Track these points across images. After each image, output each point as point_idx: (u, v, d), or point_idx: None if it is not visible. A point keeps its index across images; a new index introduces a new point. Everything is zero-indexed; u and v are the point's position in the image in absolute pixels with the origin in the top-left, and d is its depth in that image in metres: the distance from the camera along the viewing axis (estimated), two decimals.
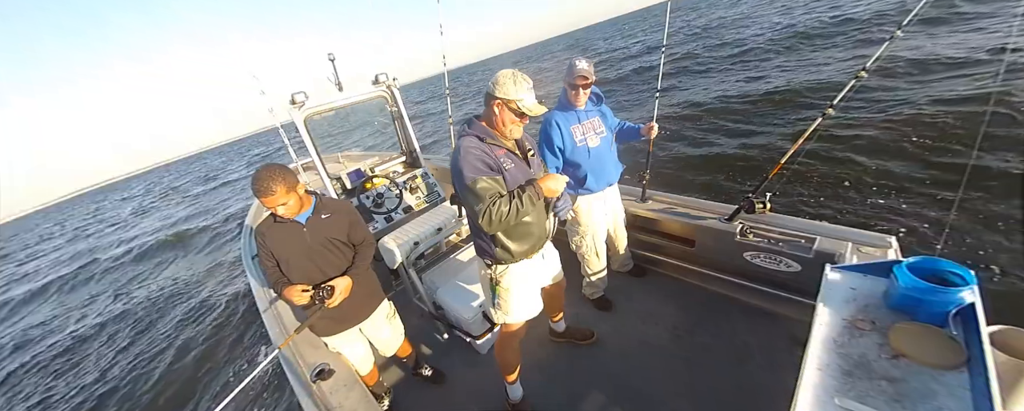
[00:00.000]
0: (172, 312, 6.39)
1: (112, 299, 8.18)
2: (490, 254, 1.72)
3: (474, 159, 1.47)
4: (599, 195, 2.38)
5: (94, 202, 52.21)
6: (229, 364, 4.46)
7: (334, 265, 1.81)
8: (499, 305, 1.83)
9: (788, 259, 2.16)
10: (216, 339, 5.05)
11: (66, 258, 14.58)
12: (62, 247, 18.28)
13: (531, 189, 1.49)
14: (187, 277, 7.96)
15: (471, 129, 1.57)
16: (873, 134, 5.21)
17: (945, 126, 4.86)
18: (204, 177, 33.00)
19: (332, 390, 1.76)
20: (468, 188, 1.45)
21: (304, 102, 2.65)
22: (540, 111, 1.51)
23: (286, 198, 1.60)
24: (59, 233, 25.53)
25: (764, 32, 13.71)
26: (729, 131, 6.89)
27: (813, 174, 4.75)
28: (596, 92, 2.28)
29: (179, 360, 4.87)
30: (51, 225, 35.87)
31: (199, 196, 20.84)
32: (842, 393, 1.01)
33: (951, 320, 1.11)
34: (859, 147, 5.04)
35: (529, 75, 1.50)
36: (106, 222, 22.63)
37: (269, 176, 1.56)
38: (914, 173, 4.30)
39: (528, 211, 1.48)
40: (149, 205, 24.42)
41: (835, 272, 1.44)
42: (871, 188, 4.28)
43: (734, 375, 2.07)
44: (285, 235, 1.73)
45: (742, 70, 10.38)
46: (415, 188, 3.33)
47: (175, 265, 9.38)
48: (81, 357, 5.81)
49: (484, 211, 1.42)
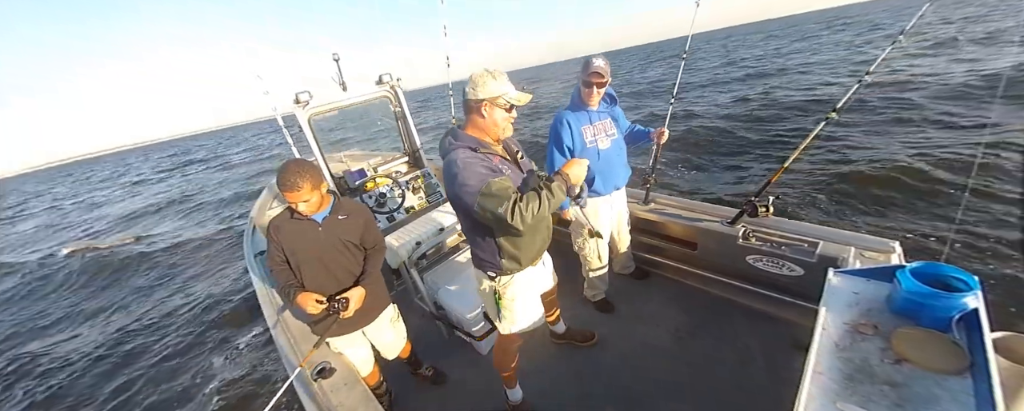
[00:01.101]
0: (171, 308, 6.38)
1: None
2: (495, 265, 1.65)
3: (476, 166, 1.41)
4: (606, 198, 2.36)
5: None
6: (228, 361, 4.46)
7: (344, 267, 1.81)
8: (504, 317, 1.77)
9: (791, 263, 2.15)
10: (216, 334, 5.05)
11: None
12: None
13: (558, 178, 1.39)
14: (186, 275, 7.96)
15: (459, 141, 1.48)
16: (879, 139, 5.20)
17: (952, 125, 4.83)
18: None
19: (333, 389, 1.76)
20: (483, 193, 1.36)
21: (308, 101, 2.66)
22: (526, 99, 1.46)
23: (310, 195, 1.61)
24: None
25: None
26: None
27: (816, 178, 4.74)
28: (610, 93, 2.27)
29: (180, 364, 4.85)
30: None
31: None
32: (844, 397, 1.01)
33: (954, 325, 1.11)
34: (862, 151, 5.03)
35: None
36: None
37: (297, 171, 1.57)
38: (920, 176, 4.29)
39: (559, 202, 1.38)
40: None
41: (838, 276, 1.43)
42: (875, 192, 4.27)
43: (735, 378, 2.07)
44: (300, 232, 1.73)
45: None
46: (417, 188, 3.33)
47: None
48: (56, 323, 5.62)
49: (511, 208, 1.31)
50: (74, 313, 6.60)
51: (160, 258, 8.23)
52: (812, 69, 14.53)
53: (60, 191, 28.27)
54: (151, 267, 7.93)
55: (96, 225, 13.20)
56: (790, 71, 14.89)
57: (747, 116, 7.98)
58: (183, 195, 15.20)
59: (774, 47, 23.16)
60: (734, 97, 10.50)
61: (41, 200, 24.63)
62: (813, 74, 13.32)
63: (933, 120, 5.19)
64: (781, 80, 13.38)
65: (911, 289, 1.17)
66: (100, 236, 11.38)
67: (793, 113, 7.56)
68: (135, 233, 10.74)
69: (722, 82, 12.78)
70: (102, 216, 14.60)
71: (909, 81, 6.64)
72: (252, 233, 3.33)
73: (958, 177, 4.15)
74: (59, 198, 23.55)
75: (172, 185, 19.40)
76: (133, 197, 18.06)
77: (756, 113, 8.27)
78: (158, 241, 9.40)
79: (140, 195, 18.22)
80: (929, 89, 6.29)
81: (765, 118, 7.65)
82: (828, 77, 12.01)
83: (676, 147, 7.03)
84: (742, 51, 26.85)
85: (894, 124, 5.46)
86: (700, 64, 17.36)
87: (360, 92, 2.96)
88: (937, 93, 5.74)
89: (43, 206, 21.05)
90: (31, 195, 29.64)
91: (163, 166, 32.75)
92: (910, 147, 4.83)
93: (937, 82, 6.49)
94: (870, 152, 5.01)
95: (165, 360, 4.98)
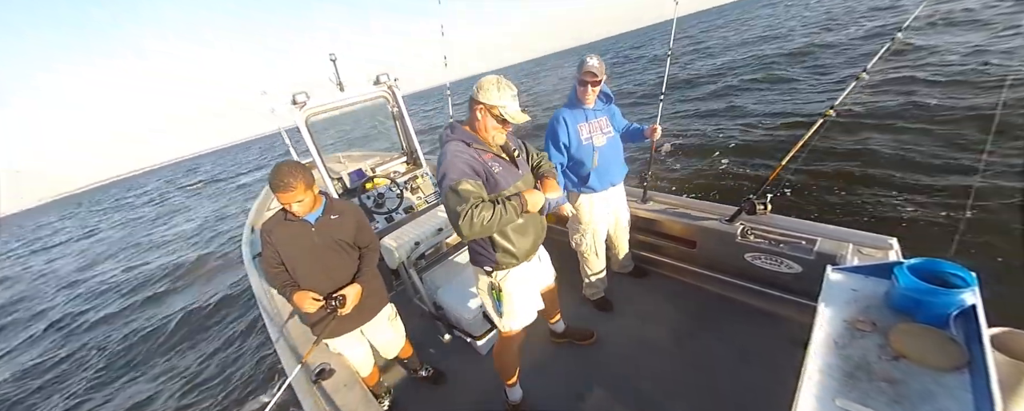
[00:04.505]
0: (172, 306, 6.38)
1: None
2: (490, 260, 1.68)
3: (461, 162, 1.45)
4: (602, 194, 2.38)
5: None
6: (228, 363, 4.46)
7: (339, 267, 1.81)
8: (502, 312, 1.79)
9: (789, 260, 2.16)
10: (216, 336, 5.04)
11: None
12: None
13: (517, 200, 1.46)
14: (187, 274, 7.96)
15: (455, 134, 1.54)
16: (878, 135, 5.20)
17: (956, 123, 4.83)
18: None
19: (333, 390, 1.76)
20: (451, 189, 1.41)
21: (305, 102, 2.65)
22: (523, 119, 1.49)
23: (303, 195, 1.61)
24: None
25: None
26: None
27: (815, 175, 4.74)
28: (606, 92, 2.29)
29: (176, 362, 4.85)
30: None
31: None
32: (842, 394, 1.01)
33: (952, 321, 1.11)
34: (863, 148, 5.04)
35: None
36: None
37: (289, 171, 1.57)
38: (920, 172, 4.29)
39: (510, 220, 1.45)
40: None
41: (836, 273, 1.44)
42: (874, 189, 4.27)
43: (735, 376, 2.07)
44: (293, 234, 1.73)
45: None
46: (416, 188, 3.33)
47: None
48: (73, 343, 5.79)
49: (465, 213, 1.36)
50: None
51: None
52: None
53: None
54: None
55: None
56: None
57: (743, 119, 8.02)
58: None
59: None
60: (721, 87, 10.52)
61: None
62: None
63: (935, 117, 5.19)
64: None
65: (909, 286, 1.17)
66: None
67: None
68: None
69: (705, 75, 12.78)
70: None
71: (912, 77, 6.63)
72: (250, 234, 3.32)
73: (960, 177, 4.16)
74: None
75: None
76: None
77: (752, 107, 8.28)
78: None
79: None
80: (932, 81, 6.29)
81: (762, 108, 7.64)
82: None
83: (674, 147, 7.04)
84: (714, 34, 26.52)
85: (894, 118, 5.46)
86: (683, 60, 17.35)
87: (358, 92, 2.95)
88: (942, 86, 5.73)
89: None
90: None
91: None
92: (909, 142, 4.83)
93: (940, 74, 6.48)
94: (868, 148, 5.02)
95: (165, 361, 4.98)
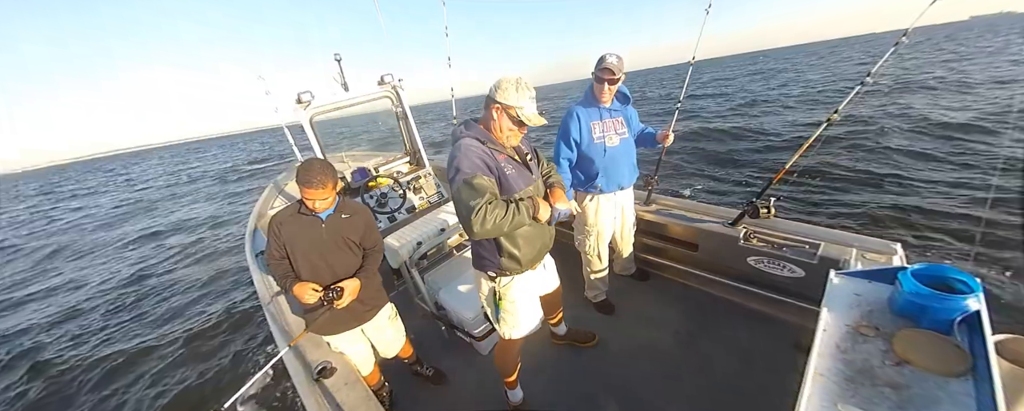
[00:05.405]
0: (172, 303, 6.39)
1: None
2: (494, 264, 1.64)
3: (474, 157, 1.42)
4: (609, 196, 2.35)
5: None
6: (228, 358, 4.46)
7: (343, 265, 1.82)
8: (504, 320, 1.76)
9: (792, 264, 2.15)
10: (215, 334, 5.05)
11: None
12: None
13: (530, 202, 1.43)
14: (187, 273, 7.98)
15: (469, 130, 1.50)
16: (879, 140, 5.18)
17: (960, 124, 4.81)
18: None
19: (334, 388, 1.76)
20: (465, 182, 1.36)
21: (310, 101, 2.66)
22: (539, 122, 1.45)
23: (331, 194, 1.64)
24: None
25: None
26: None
27: (817, 179, 4.73)
28: (623, 92, 2.25)
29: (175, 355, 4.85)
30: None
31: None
32: (845, 399, 1.00)
33: (956, 327, 1.10)
34: (865, 153, 5.02)
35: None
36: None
37: (322, 170, 1.60)
38: (925, 177, 4.27)
39: (521, 223, 1.41)
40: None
41: (839, 278, 1.43)
42: (876, 193, 4.26)
43: (736, 380, 2.06)
44: (303, 228, 1.74)
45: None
46: (419, 188, 3.34)
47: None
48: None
49: (479, 208, 1.31)
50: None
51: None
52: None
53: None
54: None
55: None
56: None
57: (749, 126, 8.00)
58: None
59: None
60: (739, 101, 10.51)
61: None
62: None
63: (942, 122, 5.17)
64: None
65: (912, 291, 1.17)
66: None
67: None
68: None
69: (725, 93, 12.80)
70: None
71: (919, 80, 6.61)
72: (253, 233, 3.33)
73: (963, 174, 4.13)
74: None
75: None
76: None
77: (758, 118, 8.29)
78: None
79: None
80: (937, 89, 6.27)
81: (766, 124, 7.65)
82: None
83: (681, 149, 7.03)
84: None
85: (900, 120, 5.44)
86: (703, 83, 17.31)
87: (362, 92, 2.96)
88: (947, 95, 5.72)
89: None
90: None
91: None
92: (915, 149, 4.82)
93: (946, 84, 6.47)
94: (872, 154, 5.00)
95: (164, 358, 4.99)
